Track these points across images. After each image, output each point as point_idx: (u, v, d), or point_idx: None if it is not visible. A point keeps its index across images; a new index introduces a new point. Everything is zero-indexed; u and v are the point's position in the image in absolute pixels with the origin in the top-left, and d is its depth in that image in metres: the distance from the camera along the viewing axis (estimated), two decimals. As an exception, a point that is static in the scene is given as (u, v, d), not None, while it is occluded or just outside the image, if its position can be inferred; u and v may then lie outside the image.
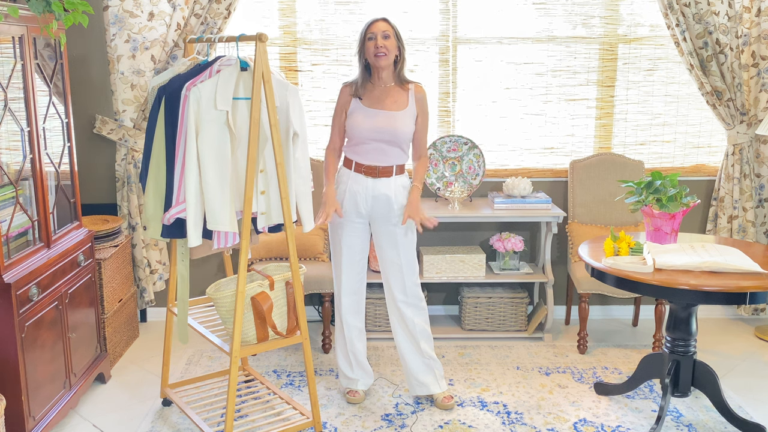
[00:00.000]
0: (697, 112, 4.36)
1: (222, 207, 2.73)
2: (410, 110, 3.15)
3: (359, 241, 3.25)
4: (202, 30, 3.89)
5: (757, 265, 2.82)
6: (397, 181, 3.19)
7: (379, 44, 3.05)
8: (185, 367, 3.74)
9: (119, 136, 4.00)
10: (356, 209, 3.19)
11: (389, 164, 3.16)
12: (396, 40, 3.09)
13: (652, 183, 3.13)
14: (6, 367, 2.72)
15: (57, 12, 2.94)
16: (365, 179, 3.16)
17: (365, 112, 3.12)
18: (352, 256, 3.25)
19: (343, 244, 3.24)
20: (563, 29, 4.23)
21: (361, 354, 3.37)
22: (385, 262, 3.25)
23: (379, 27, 3.07)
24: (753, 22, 4.03)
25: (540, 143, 4.36)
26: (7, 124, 2.86)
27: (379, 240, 3.24)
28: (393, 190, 3.16)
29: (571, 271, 4.09)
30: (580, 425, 3.17)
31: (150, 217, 2.89)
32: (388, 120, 3.10)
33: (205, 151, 2.70)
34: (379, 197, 3.16)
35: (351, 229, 3.22)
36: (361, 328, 3.36)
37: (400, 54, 3.12)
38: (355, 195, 3.17)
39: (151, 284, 4.18)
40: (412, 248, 3.23)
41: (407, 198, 3.19)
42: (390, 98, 3.14)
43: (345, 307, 3.31)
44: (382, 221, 3.19)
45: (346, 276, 3.27)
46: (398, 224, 3.17)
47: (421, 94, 3.18)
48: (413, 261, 3.24)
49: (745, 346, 4.04)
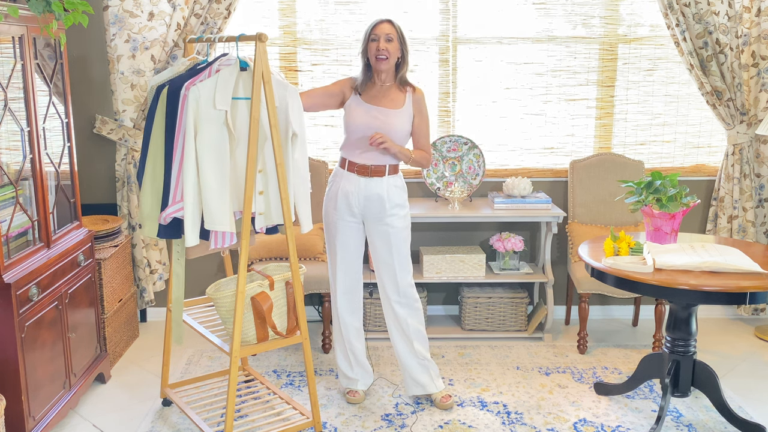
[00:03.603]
0: (697, 112, 4.36)
1: (220, 207, 2.73)
2: (406, 110, 3.15)
3: (353, 240, 3.25)
4: (202, 30, 3.89)
5: (757, 265, 2.82)
6: (390, 181, 3.18)
7: (380, 47, 3.06)
8: (185, 367, 3.75)
9: (119, 136, 4.00)
10: (349, 209, 3.19)
11: (382, 163, 3.15)
12: (399, 43, 3.08)
13: (652, 183, 3.13)
14: (6, 367, 2.72)
15: (57, 12, 2.94)
16: (357, 179, 3.16)
17: (362, 107, 3.13)
18: (346, 255, 3.25)
19: (337, 244, 3.24)
20: (563, 29, 4.23)
21: (360, 353, 3.37)
22: (379, 263, 3.25)
23: (383, 29, 3.07)
24: (753, 22, 4.03)
25: (540, 143, 4.36)
26: (7, 124, 2.86)
27: (373, 240, 3.24)
28: (386, 189, 3.16)
29: (571, 271, 4.09)
30: (580, 425, 3.17)
31: (146, 215, 2.87)
32: (382, 117, 3.10)
33: (204, 150, 2.70)
34: (371, 197, 3.15)
35: (345, 228, 3.22)
36: (359, 327, 3.36)
37: (404, 57, 3.12)
38: (348, 194, 3.17)
39: (151, 284, 4.18)
40: (406, 249, 3.23)
41: (400, 196, 3.18)
42: (387, 97, 3.14)
43: (341, 306, 3.31)
44: (375, 221, 3.19)
45: (341, 275, 3.26)
46: (391, 224, 3.17)
47: (419, 96, 3.18)
48: (407, 262, 3.23)
49: (745, 346, 4.04)
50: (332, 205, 3.23)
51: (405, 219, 3.22)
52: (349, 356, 3.36)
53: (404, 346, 3.30)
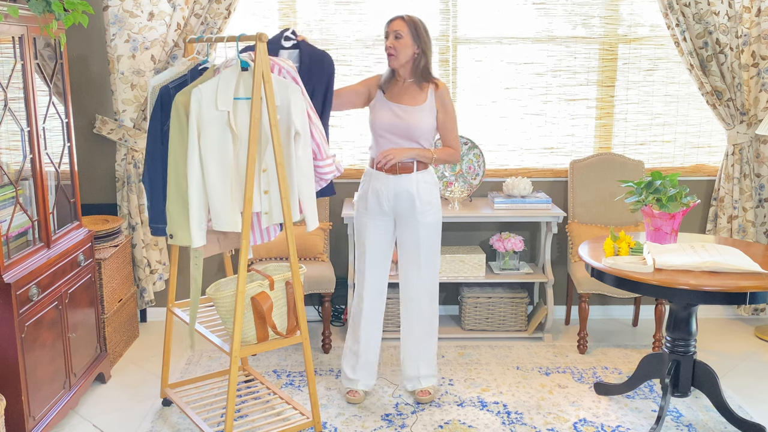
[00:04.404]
0: (697, 112, 4.36)
1: (225, 207, 2.74)
2: (428, 105, 3.13)
3: (384, 239, 3.25)
4: (202, 30, 3.89)
5: (757, 265, 2.82)
6: (419, 177, 3.17)
7: (388, 44, 3.07)
8: (185, 367, 3.75)
9: (119, 136, 4.00)
10: (380, 207, 3.19)
11: (410, 160, 3.15)
12: (413, 39, 3.07)
13: (652, 183, 3.13)
14: (6, 367, 2.72)
15: (57, 12, 2.94)
16: (386, 177, 3.16)
17: (384, 105, 3.14)
18: (375, 255, 3.25)
19: (367, 244, 3.24)
20: (563, 29, 4.23)
21: (371, 353, 3.35)
22: (406, 259, 3.25)
23: (393, 26, 3.07)
24: (753, 22, 4.03)
25: (540, 143, 4.36)
26: (7, 124, 2.86)
27: (403, 237, 3.24)
28: (415, 185, 3.15)
29: (571, 271, 4.09)
30: (580, 425, 3.17)
31: (177, 224, 2.79)
32: (403, 114, 3.10)
33: (207, 151, 2.70)
34: (401, 194, 3.15)
35: (375, 227, 3.23)
36: (380, 328, 3.36)
37: (423, 52, 3.09)
38: (378, 193, 3.18)
39: (151, 284, 4.18)
40: (435, 245, 3.23)
41: (431, 192, 3.18)
42: (408, 94, 3.14)
43: (366, 307, 3.30)
44: (406, 217, 3.19)
45: (369, 275, 3.26)
46: (421, 221, 3.16)
47: (442, 90, 3.15)
48: (434, 263, 3.24)
49: (745, 346, 4.04)
50: (363, 205, 3.24)
51: (435, 215, 3.21)
52: (355, 358, 3.36)
53: (410, 341, 3.34)
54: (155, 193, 2.93)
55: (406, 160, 3.11)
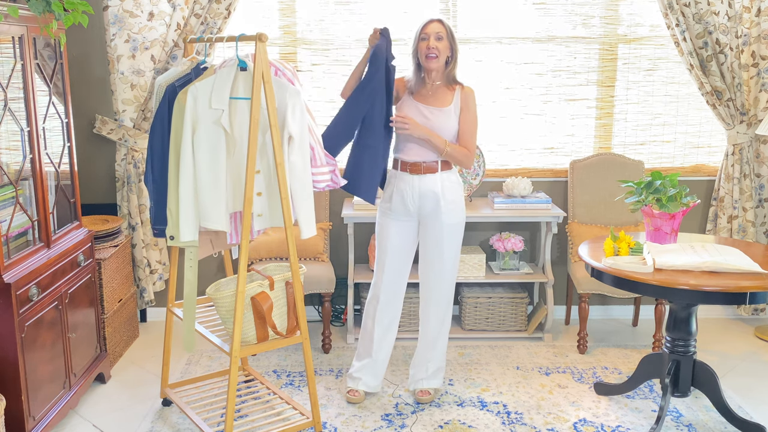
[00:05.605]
0: (697, 112, 4.36)
1: (213, 205, 2.73)
2: (454, 108, 3.14)
3: (407, 241, 3.26)
4: (202, 30, 3.89)
5: (757, 265, 2.83)
6: (444, 176, 3.17)
7: (431, 45, 3.07)
8: (185, 367, 3.75)
9: (119, 136, 4.00)
10: (405, 208, 3.20)
11: (433, 159, 3.15)
12: (449, 41, 3.09)
13: (652, 183, 3.13)
14: (6, 367, 2.72)
15: (57, 12, 2.94)
16: (411, 177, 3.17)
17: (412, 106, 3.15)
18: (394, 258, 3.25)
19: (387, 245, 3.24)
20: (563, 29, 4.23)
21: (383, 353, 3.36)
22: (427, 263, 3.25)
23: (433, 28, 3.08)
24: (753, 22, 4.03)
25: (540, 143, 4.36)
26: (7, 124, 2.86)
27: (426, 237, 3.24)
28: (440, 185, 3.16)
29: (571, 271, 4.09)
30: (580, 425, 3.17)
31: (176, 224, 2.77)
32: (430, 115, 3.12)
33: (199, 148, 2.70)
34: (426, 194, 3.16)
35: (397, 229, 3.23)
36: (394, 330, 3.36)
37: (453, 55, 3.12)
38: (403, 193, 3.18)
39: (150, 284, 4.18)
40: (456, 246, 3.23)
41: (455, 192, 3.18)
42: (436, 96, 3.16)
43: (381, 308, 3.30)
44: (430, 218, 3.19)
45: (387, 278, 3.26)
46: (445, 221, 3.17)
47: (467, 93, 3.16)
48: (454, 266, 3.25)
49: (745, 346, 4.04)
50: (387, 206, 3.24)
51: (459, 215, 3.21)
52: (366, 358, 3.36)
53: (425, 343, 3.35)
54: (157, 193, 2.93)
55: (420, 136, 3.08)
